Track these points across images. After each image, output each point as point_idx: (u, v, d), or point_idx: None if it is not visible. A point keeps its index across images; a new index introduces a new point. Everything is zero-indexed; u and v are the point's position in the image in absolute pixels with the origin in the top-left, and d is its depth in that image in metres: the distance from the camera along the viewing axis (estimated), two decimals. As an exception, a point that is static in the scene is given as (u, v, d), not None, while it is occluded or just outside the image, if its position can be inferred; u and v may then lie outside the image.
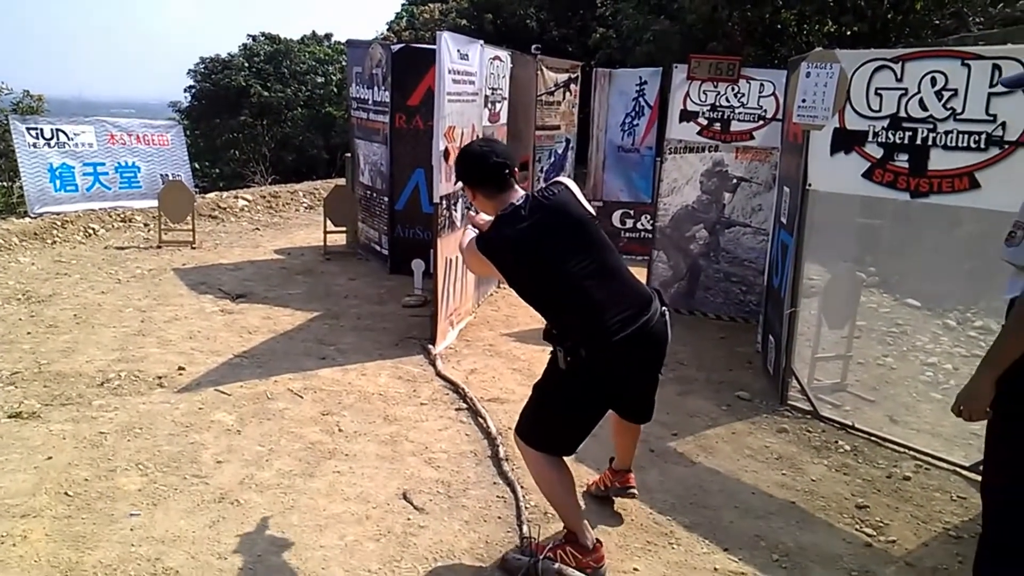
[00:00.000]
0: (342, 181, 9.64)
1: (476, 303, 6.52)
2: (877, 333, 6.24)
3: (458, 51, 5.32)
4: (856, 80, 4.28)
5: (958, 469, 3.98)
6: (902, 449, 4.21)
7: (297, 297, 6.60)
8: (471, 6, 18.09)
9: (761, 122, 6.43)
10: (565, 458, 2.98)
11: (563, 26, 18.46)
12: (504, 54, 6.63)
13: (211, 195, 10.94)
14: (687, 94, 6.57)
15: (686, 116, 6.61)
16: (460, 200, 5.68)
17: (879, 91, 4.23)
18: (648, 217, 9.08)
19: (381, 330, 5.81)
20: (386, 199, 7.56)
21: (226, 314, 6.00)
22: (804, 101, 4.57)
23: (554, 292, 2.80)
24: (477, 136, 5.99)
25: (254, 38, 24.05)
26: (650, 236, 7.52)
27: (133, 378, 4.60)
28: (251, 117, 21.07)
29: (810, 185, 4.55)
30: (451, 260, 5.58)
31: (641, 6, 14.44)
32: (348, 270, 7.65)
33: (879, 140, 4.19)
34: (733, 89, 6.46)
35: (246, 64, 21.74)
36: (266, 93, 21.15)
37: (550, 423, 2.92)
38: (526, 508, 3.36)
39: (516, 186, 2.89)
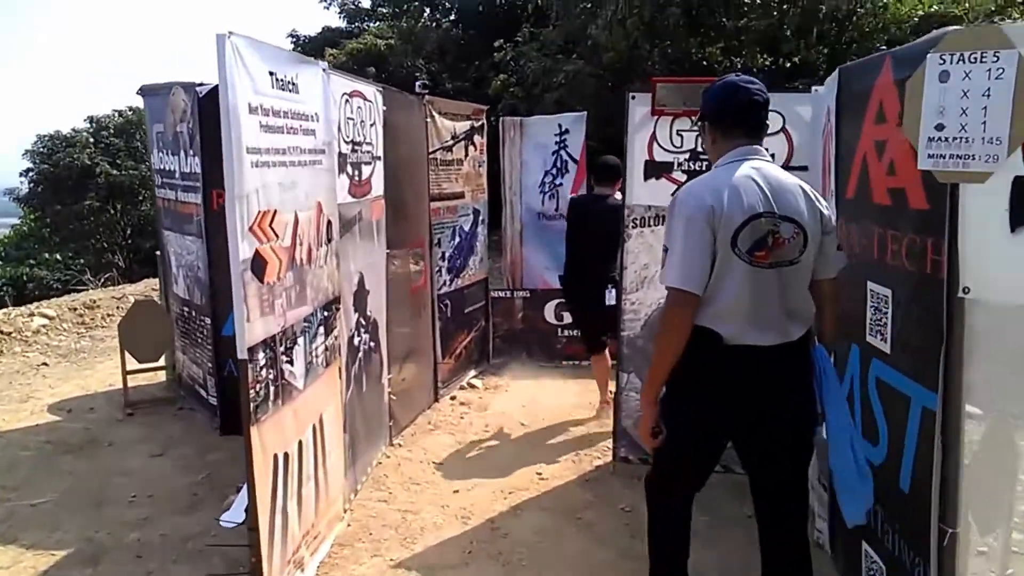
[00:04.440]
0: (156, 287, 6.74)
1: (351, 493, 3.97)
2: None
3: (270, 73, 2.89)
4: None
5: None
6: None
7: (42, 512, 3.87)
8: (350, 59, 15.79)
9: (769, 172, 4.24)
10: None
11: (457, 78, 16.41)
12: (371, 90, 4.25)
13: (-7, 315, 8.01)
14: (653, 137, 4.32)
15: (654, 169, 4.35)
16: (303, 346, 3.17)
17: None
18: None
19: (171, 585, 3.19)
20: (208, 320, 4.98)
21: None
22: (943, 128, 2.34)
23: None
24: (329, 222, 3.54)
25: (120, 112, 21.00)
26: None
27: None
28: (99, 200, 17.93)
29: (967, 291, 2.29)
30: (284, 457, 3.05)
31: (546, 48, 12.49)
32: (156, 435, 4.96)
33: None
34: (723, 125, 4.27)
35: (92, 140, 18.65)
36: (115, 172, 18.07)
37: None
38: None
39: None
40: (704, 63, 11.74)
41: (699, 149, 4.29)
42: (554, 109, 10.89)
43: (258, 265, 2.77)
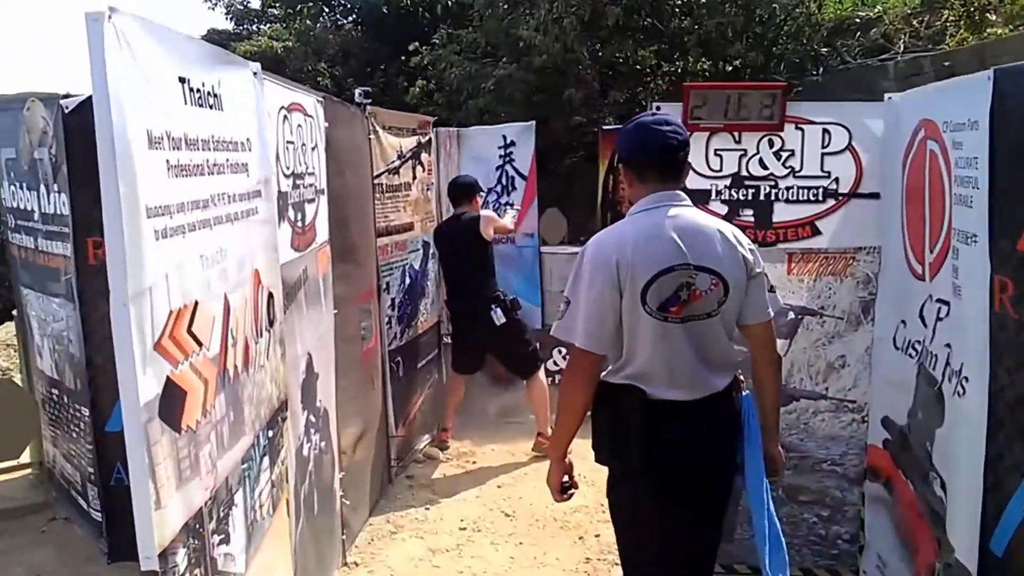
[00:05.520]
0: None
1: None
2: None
3: (181, 79, 1.75)
4: None
5: None
6: None
7: None
8: (244, 63, 14.23)
9: (831, 201, 3.37)
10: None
11: (364, 84, 15.10)
12: (310, 101, 3.10)
13: None
14: (679, 159, 3.38)
15: (682, 200, 3.43)
16: (242, 504, 2.03)
17: None
18: (564, 352, 5.81)
19: None
20: (85, 411, 3.68)
21: None
22: None
23: None
24: (270, 296, 2.40)
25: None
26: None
27: None
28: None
29: None
30: None
31: (467, 52, 11.41)
32: (16, 568, 3.63)
33: None
34: (772, 144, 3.37)
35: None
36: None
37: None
38: None
39: None
40: (638, 67, 10.97)
41: (743, 173, 3.38)
42: (477, 117, 9.88)
43: (172, 404, 1.63)
